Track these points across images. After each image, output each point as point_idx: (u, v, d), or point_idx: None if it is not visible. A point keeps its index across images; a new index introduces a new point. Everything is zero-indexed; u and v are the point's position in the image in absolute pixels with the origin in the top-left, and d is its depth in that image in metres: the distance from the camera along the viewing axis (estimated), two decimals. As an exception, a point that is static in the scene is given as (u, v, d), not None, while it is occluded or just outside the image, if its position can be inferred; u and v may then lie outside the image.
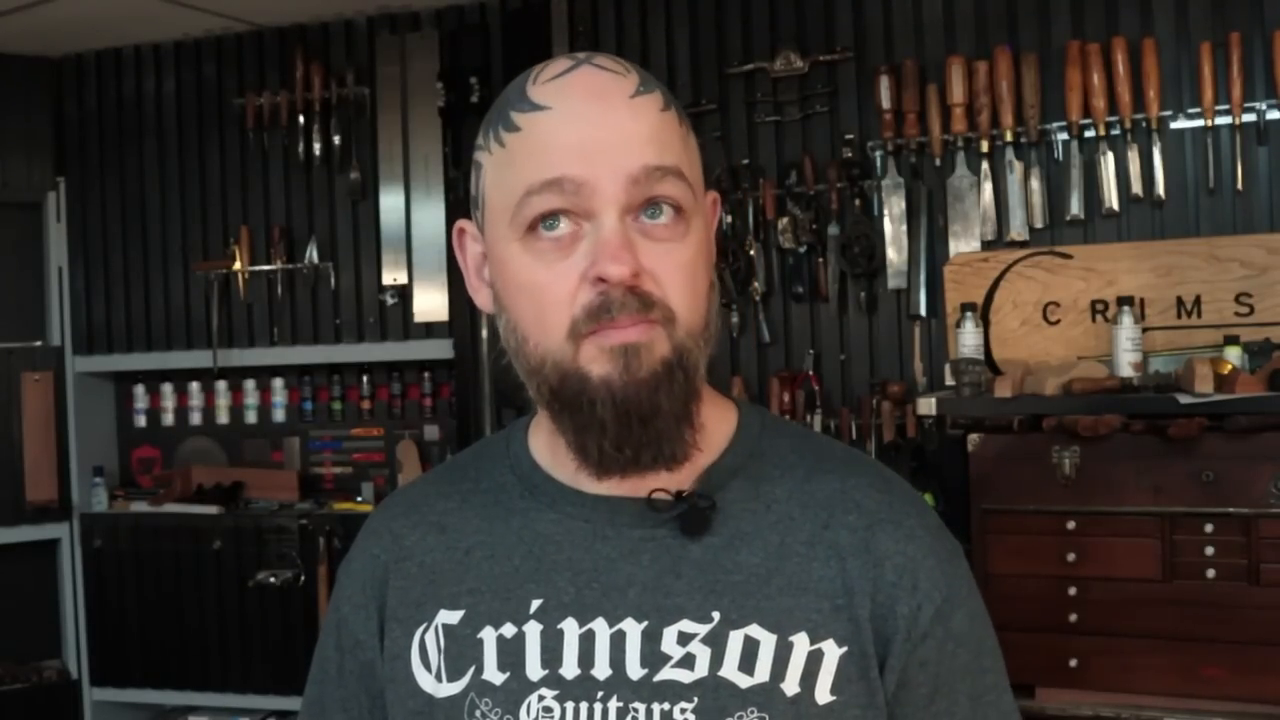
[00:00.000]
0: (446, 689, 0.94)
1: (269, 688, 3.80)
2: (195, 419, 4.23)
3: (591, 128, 0.88)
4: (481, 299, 0.98)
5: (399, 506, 1.05)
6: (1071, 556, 2.40)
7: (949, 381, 2.67)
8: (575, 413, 0.90)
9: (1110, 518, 2.39)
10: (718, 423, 0.99)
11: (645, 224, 0.89)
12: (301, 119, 3.90)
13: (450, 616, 0.96)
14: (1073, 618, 2.40)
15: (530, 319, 0.90)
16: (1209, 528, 2.33)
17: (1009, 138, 3.18)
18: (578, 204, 0.87)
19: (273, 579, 3.77)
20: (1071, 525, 2.41)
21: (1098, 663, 2.39)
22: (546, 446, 0.98)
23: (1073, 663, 2.39)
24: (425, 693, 0.95)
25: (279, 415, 4.13)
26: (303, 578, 3.76)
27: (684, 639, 0.90)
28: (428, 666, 0.96)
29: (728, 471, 0.96)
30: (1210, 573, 2.33)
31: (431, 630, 0.96)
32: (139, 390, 4.27)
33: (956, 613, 0.94)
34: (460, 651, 0.94)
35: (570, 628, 0.92)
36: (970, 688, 0.94)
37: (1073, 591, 2.40)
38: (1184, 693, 2.33)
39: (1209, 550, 2.33)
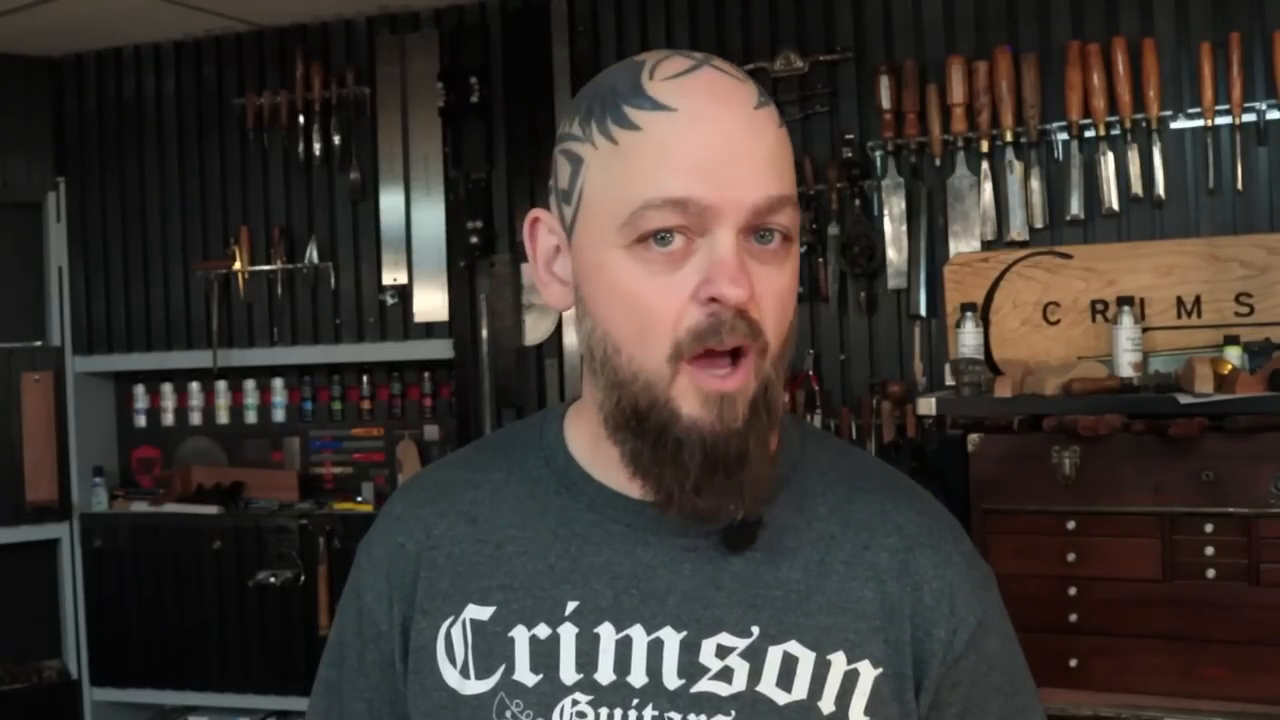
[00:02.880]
0: (474, 686, 0.92)
1: (269, 688, 3.80)
2: (195, 419, 4.23)
3: (720, 140, 0.84)
4: (552, 294, 0.94)
5: (426, 492, 1.01)
6: (1071, 556, 2.40)
7: (949, 381, 2.66)
8: (657, 445, 0.87)
9: (1110, 518, 2.39)
10: None
11: (755, 247, 0.86)
12: (301, 119, 3.90)
13: (480, 612, 0.94)
14: (1073, 618, 2.40)
15: (628, 332, 0.86)
16: (1209, 528, 2.33)
17: (1009, 138, 3.18)
18: (697, 222, 0.84)
19: (273, 579, 3.77)
20: (1071, 525, 2.41)
21: (1098, 663, 2.39)
22: (588, 444, 0.96)
23: (1073, 663, 2.39)
24: (450, 688, 0.94)
25: (279, 415, 4.12)
26: (303, 578, 3.76)
27: (723, 652, 0.89)
28: (453, 661, 0.94)
29: (774, 485, 0.94)
30: (1210, 573, 2.33)
31: (459, 624, 0.94)
32: (139, 390, 4.27)
33: (990, 636, 0.95)
34: (490, 649, 0.93)
35: (607, 633, 0.90)
36: (1001, 708, 0.95)
37: (1073, 591, 2.40)
38: (1184, 693, 2.33)
39: (1209, 550, 2.33)
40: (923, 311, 3.30)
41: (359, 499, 3.94)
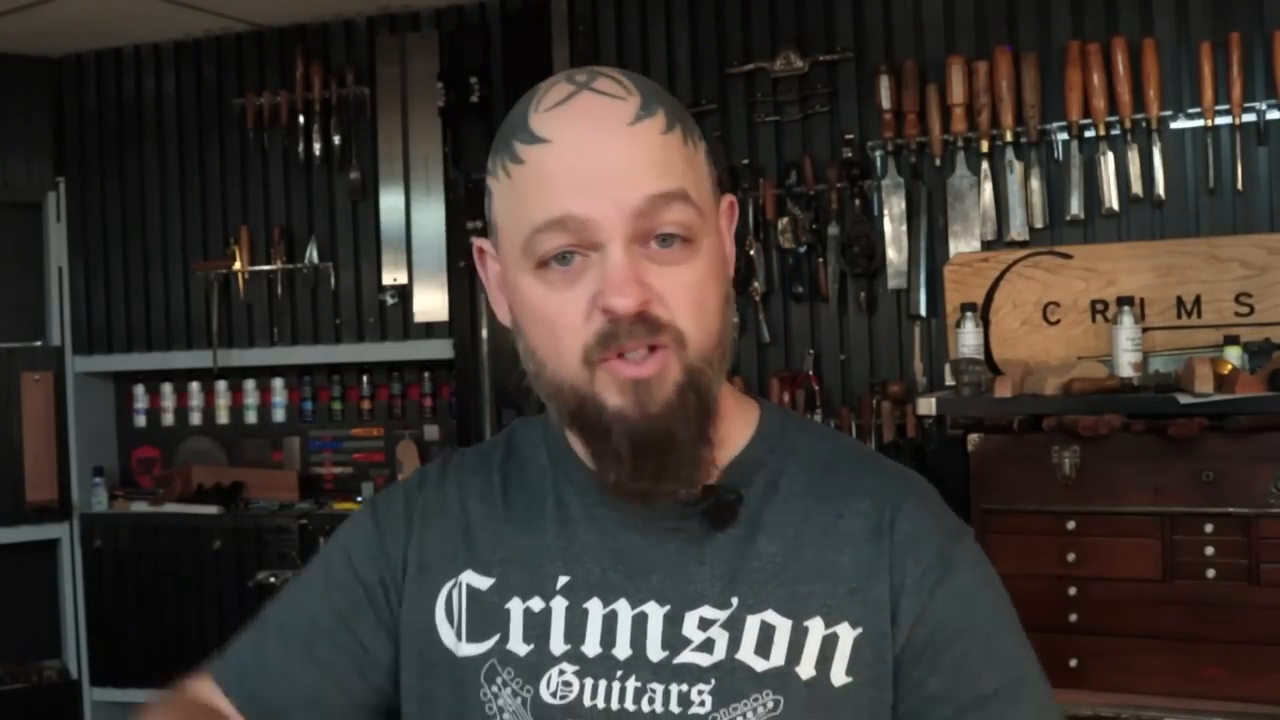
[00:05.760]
0: (467, 649, 0.97)
1: (269, 688, 3.80)
2: (195, 419, 4.23)
3: (591, 161, 0.88)
4: (503, 313, 1.00)
5: (448, 468, 1.07)
6: (1071, 556, 2.40)
7: (949, 381, 2.66)
8: (594, 437, 0.92)
9: (1110, 518, 2.39)
10: (740, 420, 1.02)
11: (656, 251, 0.90)
12: (301, 119, 3.90)
13: (479, 580, 0.99)
14: (1073, 618, 2.40)
15: (545, 346, 0.93)
16: (1209, 528, 2.32)
17: (1009, 138, 3.18)
18: (584, 238, 0.88)
19: (273, 579, 3.77)
20: (1071, 525, 2.41)
21: (1098, 663, 2.39)
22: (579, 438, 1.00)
23: (1073, 663, 2.39)
24: (445, 647, 0.98)
25: (279, 415, 4.13)
26: (303, 578, 3.75)
27: (704, 624, 0.93)
28: (451, 622, 0.99)
29: (751, 466, 0.99)
30: (1210, 573, 2.33)
31: (457, 587, 0.99)
32: (139, 390, 4.27)
33: (959, 574, 0.96)
34: (485, 617, 0.97)
35: (595, 607, 0.95)
36: (981, 638, 0.95)
37: (1073, 591, 2.40)
38: (1184, 693, 2.33)
39: (1209, 550, 2.32)
40: (923, 311, 3.30)
41: (359, 499, 3.93)
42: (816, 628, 0.92)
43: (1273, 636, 2.27)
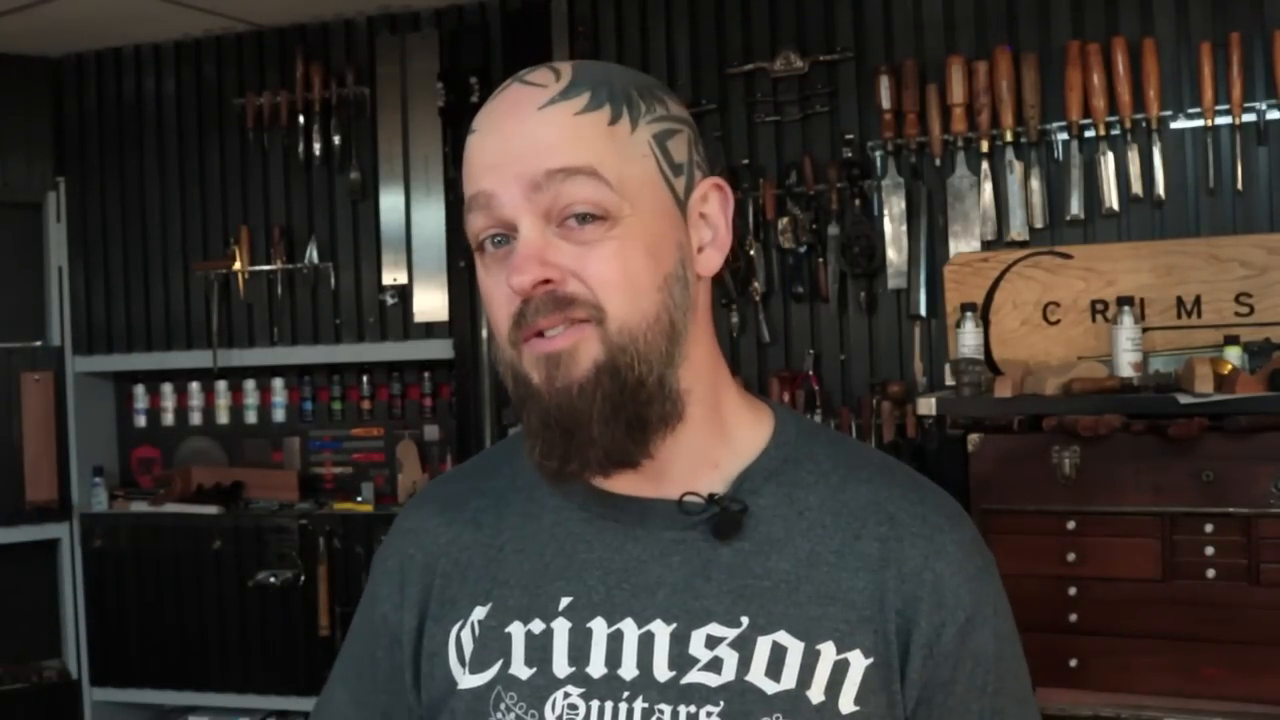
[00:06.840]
0: (472, 680, 0.95)
1: (269, 688, 3.80)
2: (195, 419, 4.23)
3: (498, 143, 0.91)
4: None
5: (434, 504, 1.06)
6: (1071, 556, 2.40)
7: (949, 381, 2.66)
8: (522, 415, 0.93)
9: (1110, 518, 2.39)
10: (751, 427, 0.99)
11: (571, 229, 0.90)
12: (301, 119, 3.90)
13: (480, 611, 0.97)
14: (1073, 618, 2.40)
15: (493, 327, 0.95)
16: (1209, 528, 2.33)
17: (1009, 138, 3.18)
18: (500, 218, 0.91)
19: (273, 579, 3.77)
20: (1071, 525, 2.41)
21: (1098, 663, 2.39)
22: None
23: (1073, 663, 2.39)
24: (454, 680, 0.96)
25: (279, 415, 4.13)
26: (303, 578, 3.76)
27: (712, 642, 0.91)
28: (463, 662, 0.97)
29: (761, 476, 0.96)
30: (1210, 573, 2.33)
31: (468, 627, 0.97)
32: (139, 390, 4.27)
33: (979, 631, 0.94)
34: (488, 644, 0.95)
35: (599, 627, 0.93)
36: (984, 707, 0.94)
37: (1073, 591, 2.40)
38: (1184, 693, 2.33)
39: (1209, 550, 2.33)
40: (923, 311, 3.30)
41: (359, 499, 3.94)
42: (829, 652, 0.90)
43: (1273, 636, 2.27)
